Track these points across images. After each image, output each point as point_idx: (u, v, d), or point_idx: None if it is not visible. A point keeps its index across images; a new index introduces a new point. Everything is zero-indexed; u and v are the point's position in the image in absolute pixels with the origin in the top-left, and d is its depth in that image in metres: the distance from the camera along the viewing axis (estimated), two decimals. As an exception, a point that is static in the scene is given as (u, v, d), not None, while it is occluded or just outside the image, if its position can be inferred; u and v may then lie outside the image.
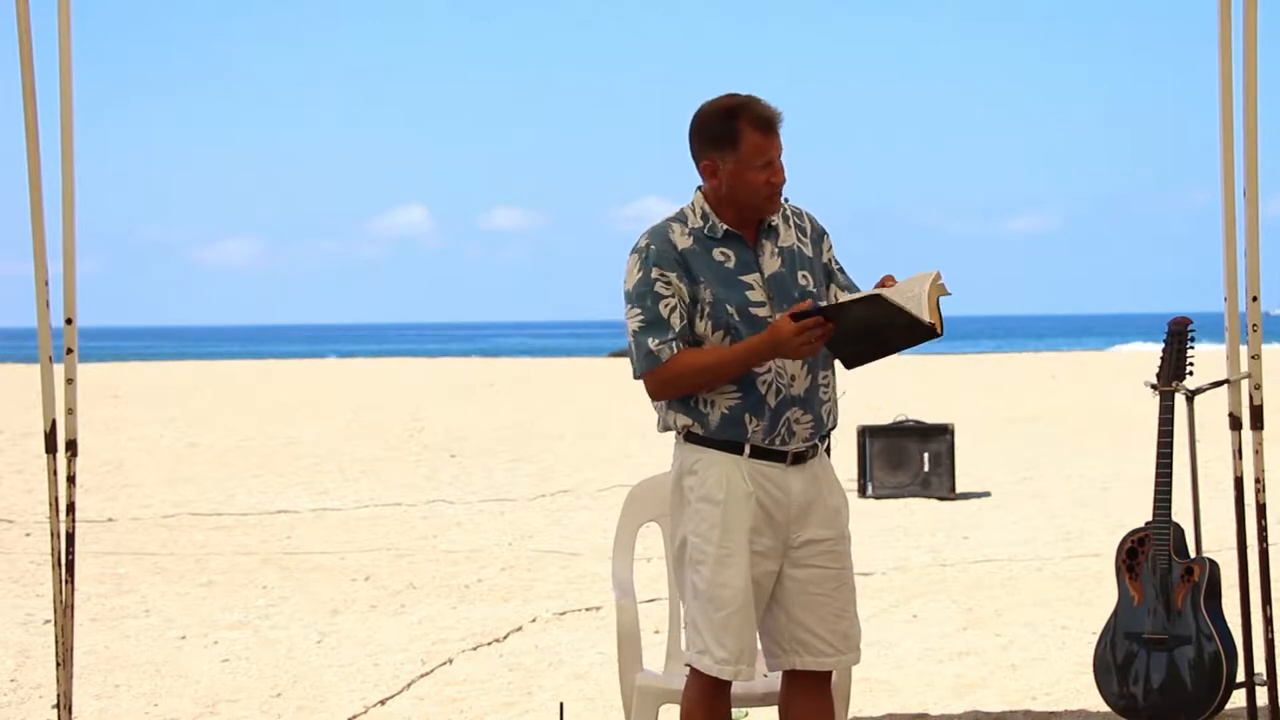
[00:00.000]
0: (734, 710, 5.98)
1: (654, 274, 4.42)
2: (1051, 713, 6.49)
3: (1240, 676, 5.74)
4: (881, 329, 4.38)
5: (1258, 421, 5.51)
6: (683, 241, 4.45)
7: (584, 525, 12.37)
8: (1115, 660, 5.84)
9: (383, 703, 6.93)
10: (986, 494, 13.70)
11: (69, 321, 5.41)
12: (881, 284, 4.44)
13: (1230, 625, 5.78)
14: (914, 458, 13.46)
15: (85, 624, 8.33)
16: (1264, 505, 5.57)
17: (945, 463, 13.49)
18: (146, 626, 8.60)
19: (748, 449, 4.43)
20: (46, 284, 5.36)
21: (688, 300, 4.42)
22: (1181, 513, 5.85)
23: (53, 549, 5.46)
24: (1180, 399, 5.85)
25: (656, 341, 4.41)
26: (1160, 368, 5.86)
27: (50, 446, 5.44)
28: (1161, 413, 5.81)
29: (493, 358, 57.66)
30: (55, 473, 5.44)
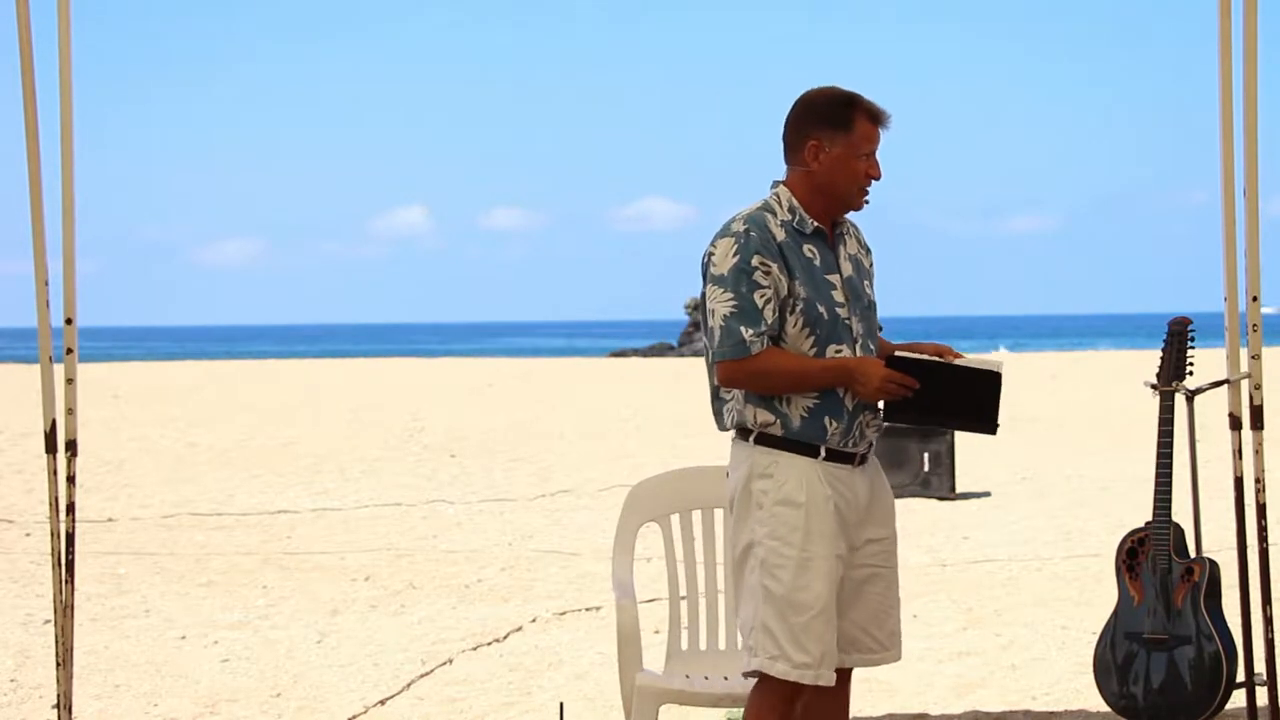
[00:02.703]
0: (733, 710, 5.99)
1: (754, 261, 4.36)
2: (1051, 713, 6.49)
3: (1240, 676, 5.74)
4: (953, 405, 4.41)
5: (1258, 421, 5.51)
6: (779, 233, 4.41)
7: (584, 525, 12.36)
8: (1115, 660, 5.84)
9: (383, 703, 6.93)
10: (986, 494, 13.70)
11: (69, 321, 5.41)
12: (939, 353, 4.46)
13: (1230, 625, 5.78)
14: (914, 458, 13.47)
15: (85, 624, 8.33)
16: (1264, 505, 5.57)
17: (945, 463, 13.50)
18: (146, 626, 8.60)
19: (823, 451, 4.40)
20: (46, 284, 5.36)
21: (783, 294, 4.38)
22: (1181, 513, 5.85)
23: (53, 549, 5.46)
24: (1180, 399, 5.85)
25: (750, 331, 4.35)
26: (1160, 368, 5.86)
27: (50, 446, 5.44)
28: (1161, 413, 5.81)
29: (493, 358, 57.66)
30: (55, 473, 5.44)
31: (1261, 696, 5.64)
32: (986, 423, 4.45)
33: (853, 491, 4.46)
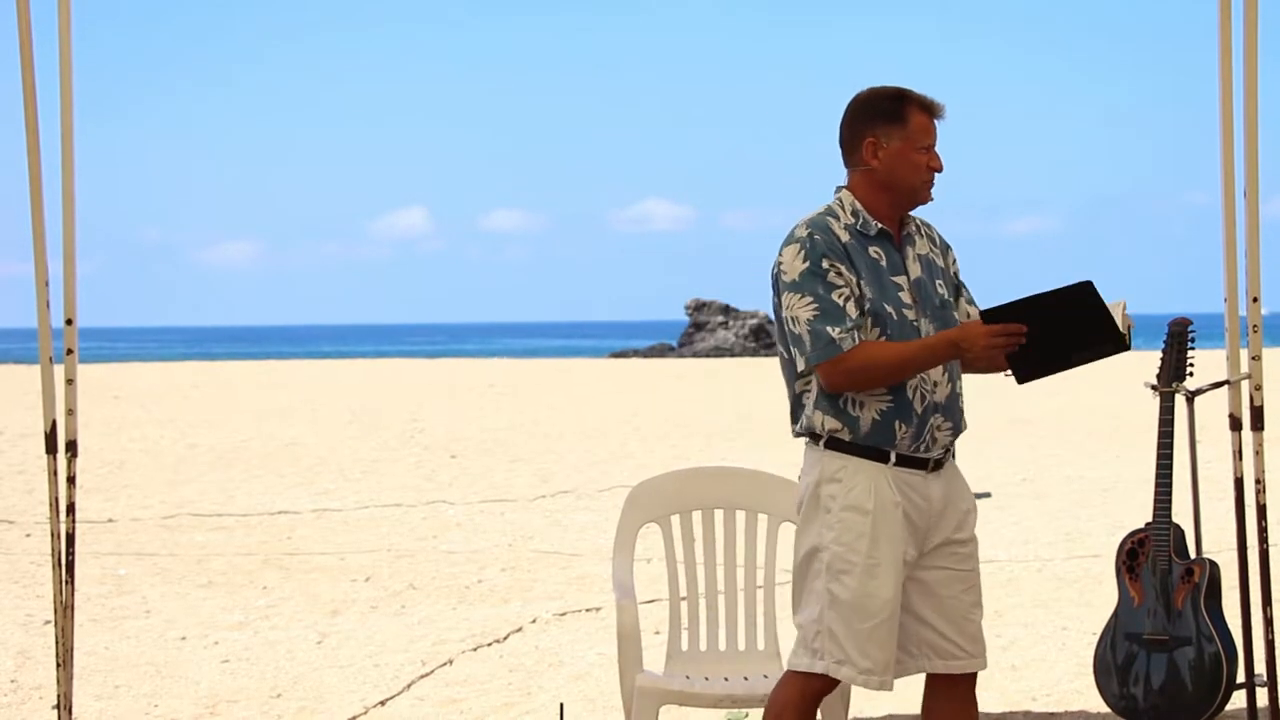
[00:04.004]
0: (734, 711, 5.99)
1: (824, 263, 4.32)
2: (1051, 714, 6.48)
3: (1240, 677, 5.73)
4: (1069, 335, 4.27)
5: (1258, 422, 5.51)
6: (843, 235, 4.38)
7: (584, 526, 12.36)
8: (1115, 661, 5.83)
9: (383, 703, 6.93)
10: (987, 494, 13.69)
11: (69, 322, 5.41)
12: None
13: (1230, 626, 5.78)
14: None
15: (85, 624, 8.33)
16: (1264, 506, 5.57)
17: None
18: (146, 627, 8.60)
19: (893, 457, 4.37)
20: (47, 284, 5.36)
21: (857, 293, 4.34)
22: (1182, 513, 5.85)
23: (53, 549, 5.46)
24: (1180, 400, 5.85)
25: (838, 330, 4.29)
26: (1160, 369, 5.86)
27: (50, 447, 5.44)
28: (1162, 414, 5.80)
29: (493, 358, 57.66)
30: (55, 473, 5.43)
31: (1262, 697, 5.64)
32: (1111, 338, 4.28)
33: (925, 498, 4.41)
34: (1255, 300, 5.48)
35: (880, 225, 4.42)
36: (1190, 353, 5.84)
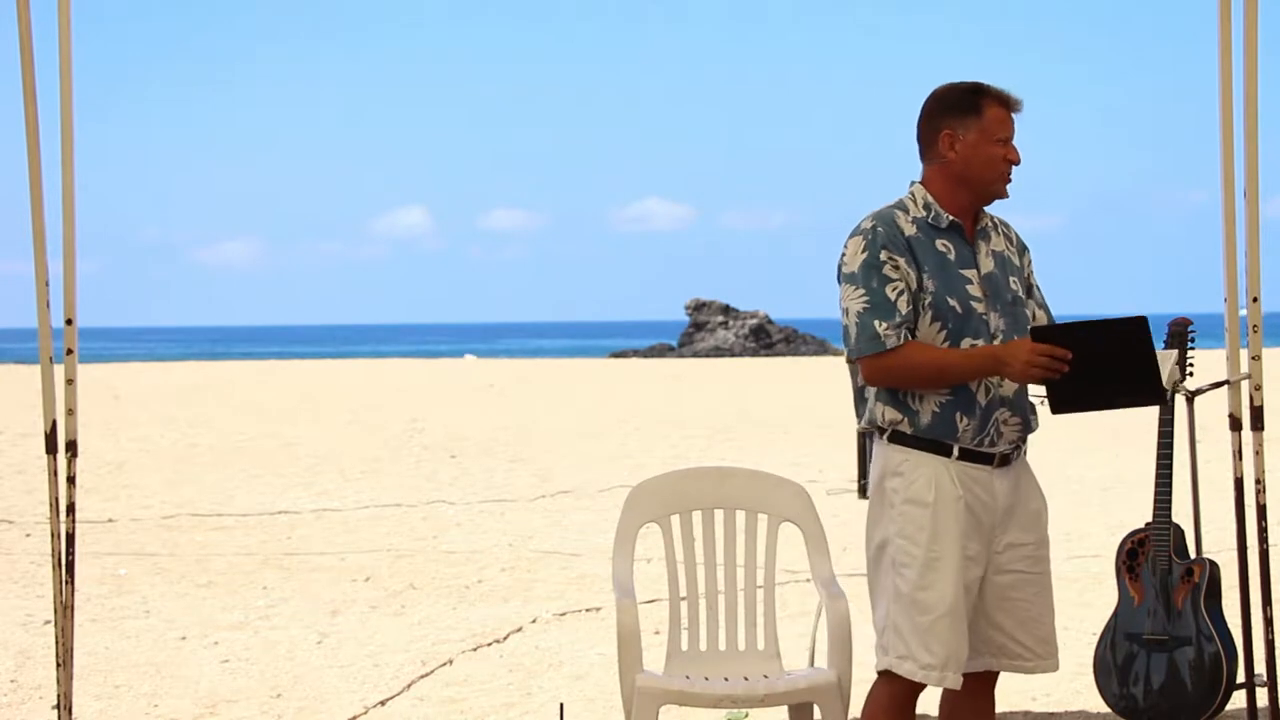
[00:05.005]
0: (734, 711, 5.99)
1: (882, 255, 4.33)
2: (1051, 714, 6.48)
3: (1240, 677, 5.74)
4: (1112, 373, 4.22)
5: (1258, 422, 5.51)
6: (908, 228, 4.37)
7: (584, 525, 12.36)
8: (1115, 661, 5.83)
9: (383, 703, 6.92)
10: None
11: (69, 322, 5.41)
12: None
13: (1230, 626, 5.78)
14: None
15: (85, 624, 8.33)
16: (1264, 506, 5.57)
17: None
18: (146, 627, 8.60)
19: (956, 450, 4.35)
20: (47, 284, 5.36)
21: (914, 288, 4.33)
22: (1182, 514, 5.85)
23: (53, 549, 5.46)
24: (1180, 400, 5.85)
25: (885, 325, 4.30)
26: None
27: (50, 447, 5.44)
28: (1161, 414, 5.80)
29: (493, 358, 57.65)
30: (55, 473, 5.43)
31: (1261, 697, 5.64)
32: (1152, 387, 4.24)
33: (990, 494, 4.39)
34: (1255, 300, 5.47)
35: (951, 218, 4.42)
36: (1190, 353, 5.83)
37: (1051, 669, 4.54)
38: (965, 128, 4.40)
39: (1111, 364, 4.23)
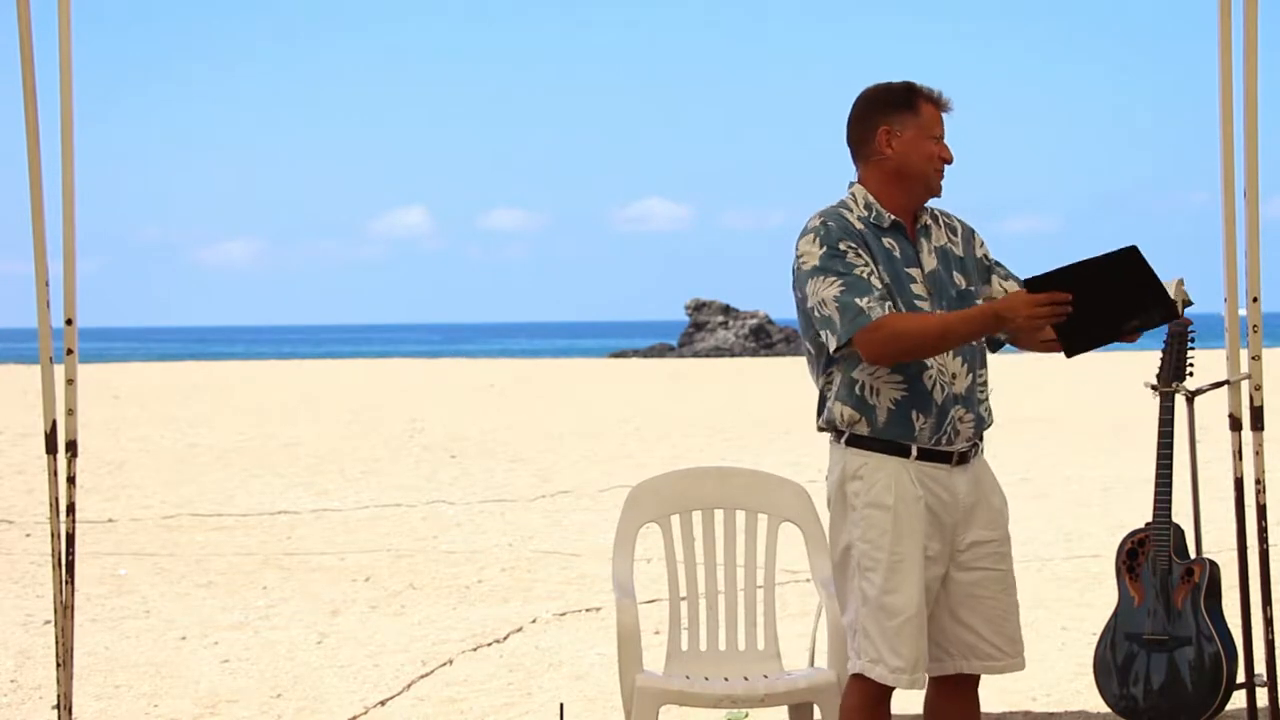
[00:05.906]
0: (734, 711, 5.99)
1: (842, 245, 4.33)
2: (1051, 714, 6.48)
3: (1240, 677, 5.73)
4: (1117, 302, 4.17)
5: (1258, 422, 5.51)
6: (856, 225, 4.39)
7: (584, 526, 12.36)
8: (1115, 661, 5.83)
9: (383, 703, 6.92)
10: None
11: (69, 322, 5.41)
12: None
13: (1230, 626, 5.78)
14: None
15: (85, 624, 8.33)
16: (1264, 506, 5.57)
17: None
18: (146, 627, 8.60)
19: (915, 450, 4.36)
20: (47, 284, 5.36)
21: (878, 272, 4.34)
22: (1181, 514, 5.84)
23: (53, 549, 5.46)
24: (1180, 400, 5.85)
25: (867, 299, 4.28)
26: (1160, 368, 5.86)
27: (50, 447, 5.44)
28: (1161, 414, 5.80)
29: (493, 358, 57.65)
30: (55, 473, 5.43)
31: (1262, 697, 5.63)
32: (1161, 305, 4.18)
33: (950, 492, 4.40)
34: (1255, 300, 5.47)
35: (893, 217, 4.43)
36: (1190, 353, 5.83)
37: (1018, 668, 4.53)
38: (903, 124, 4.41)
39: (1114, 294, 4.18)
